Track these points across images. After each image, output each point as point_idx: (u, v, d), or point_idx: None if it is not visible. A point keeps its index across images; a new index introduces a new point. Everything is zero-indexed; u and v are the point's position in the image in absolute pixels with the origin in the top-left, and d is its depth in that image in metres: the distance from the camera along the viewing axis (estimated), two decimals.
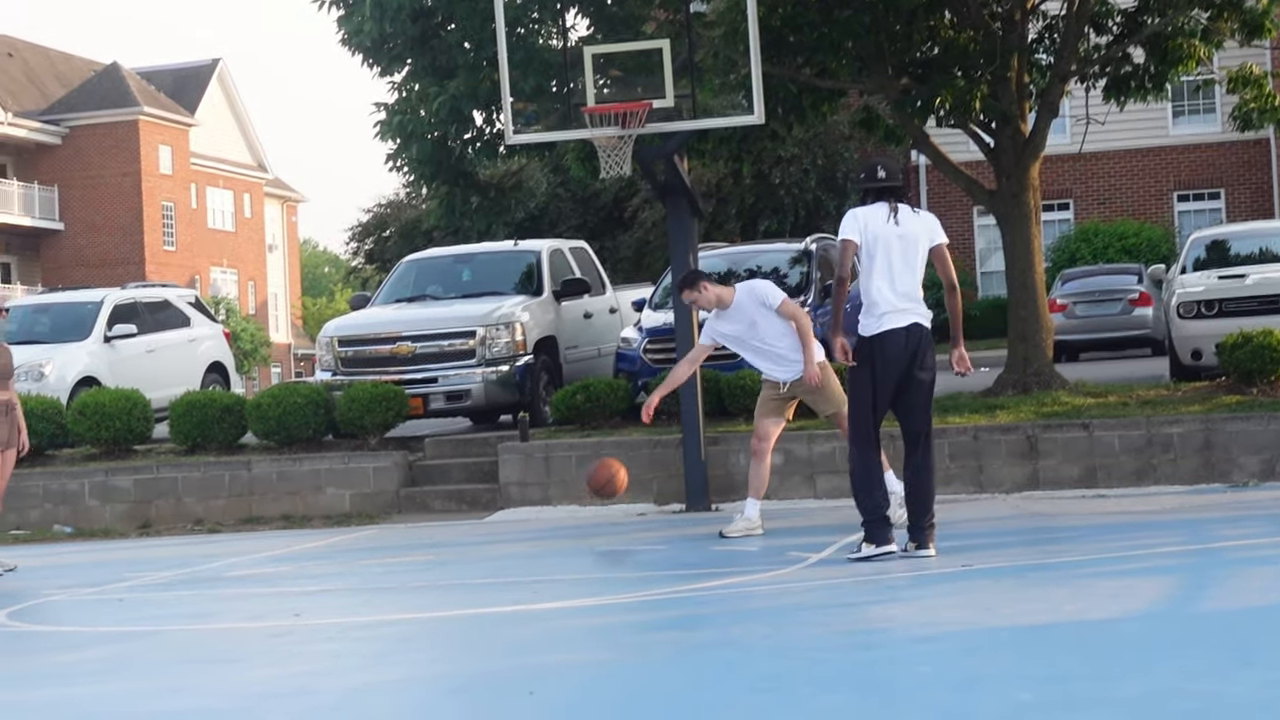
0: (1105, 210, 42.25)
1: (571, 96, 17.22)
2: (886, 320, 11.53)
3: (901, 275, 11.58)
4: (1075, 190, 42.57)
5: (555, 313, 21.32)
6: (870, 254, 11.57)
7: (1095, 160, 41.63)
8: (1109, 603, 9.27)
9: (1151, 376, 21.50)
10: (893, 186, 11.72)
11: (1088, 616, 8.78)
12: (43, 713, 7.72)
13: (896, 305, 11.54)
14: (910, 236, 11.62)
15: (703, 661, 8.14)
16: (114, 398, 20.26)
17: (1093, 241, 40.19)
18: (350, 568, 14.17)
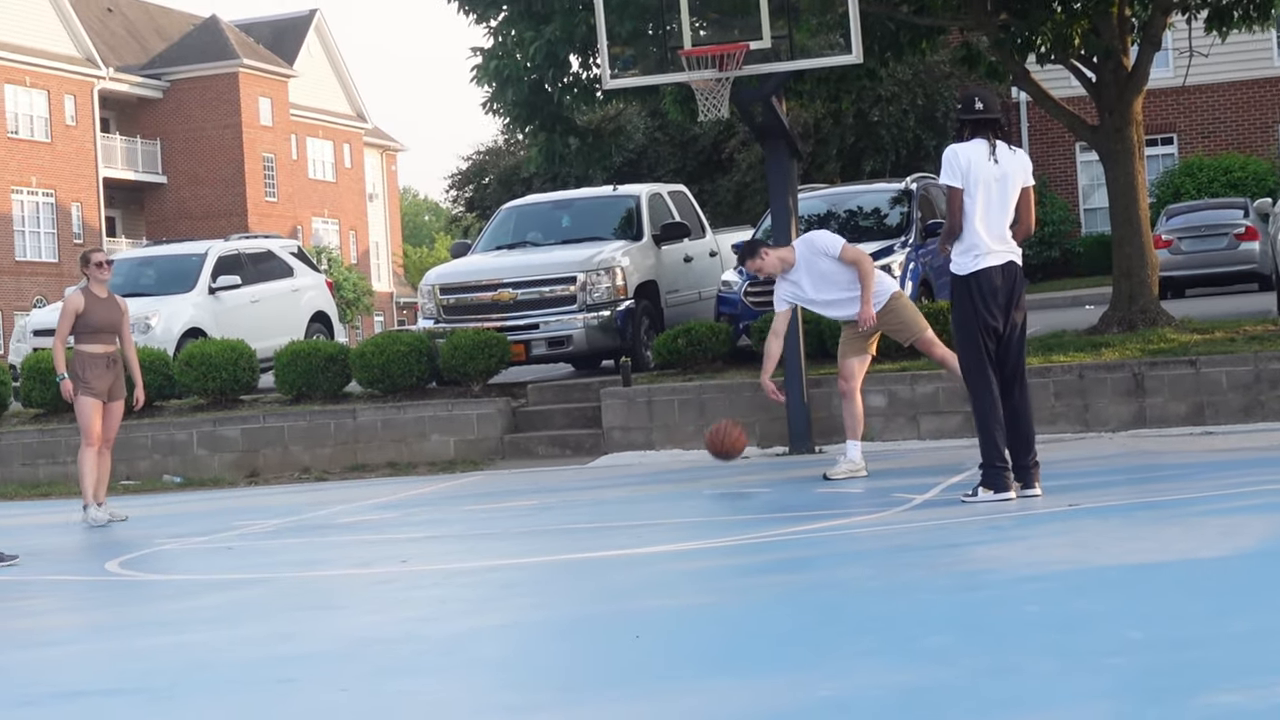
0: (1209, 144, 41.72)
1: (668, 39, 17.15)
2: (982, 259, 11.44)
3: (997, 215, 11.48)
4: (1179, 124, 42.05)
5: (655, 257, 21.30)
6: (970, 193, 11.46)
7: (1199, 93, 41.10)
8: (1219, 541, 9.18)
9: (1258, 311, 21.27)
10: (991, 119, 11.60)
11: (1197, 555, 8.70)
12: (155, 659, 7.80)
13: (991, 246, 11.45)
14: (1008, 175, 11.52)
15: (808, 604, 8.13)
16: (220, 348, 20.43)
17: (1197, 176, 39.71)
18: (455, 514, 14.24)
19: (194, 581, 10.83)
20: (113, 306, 15.26)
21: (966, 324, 11.53)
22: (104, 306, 15.18)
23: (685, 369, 19.14)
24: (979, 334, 11.47)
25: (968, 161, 11.45)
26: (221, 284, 24.01)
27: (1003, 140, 11.63)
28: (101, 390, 15.13)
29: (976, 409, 11.58)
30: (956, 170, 11.47)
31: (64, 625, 9.48)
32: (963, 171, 11.45)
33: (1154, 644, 6.46)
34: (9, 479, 19.87)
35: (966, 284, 11.49)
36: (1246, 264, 30.38)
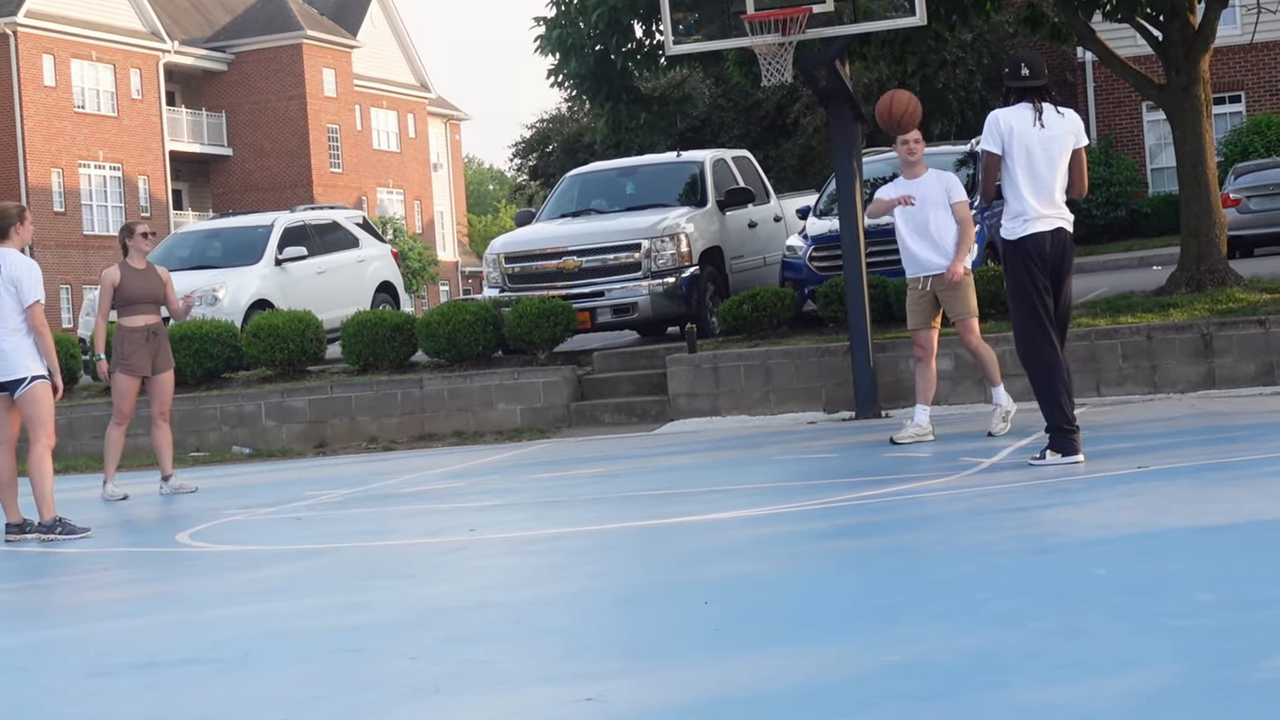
0: (1278, 102, 41.34)
1: (731, 4, 17.11)
2: (1031, 225, 11.38)
3: (1045, 180, 11.41)
4: (1247, 82, 41.67)
5: (720, 223, 21.28)
6: (1013, 158, 11.39)
7: (1267, 50, 40.70)
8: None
9: None
10: (1037, 85, 11.52)
11: (1267, 516, 8.66)
12: (226, 630, 7.87)
13: (1041, 211, 11.38)
14: (1055, 139, 11.43)
15: (877, 568, 8.13)
16: (287, 320, 20.53)
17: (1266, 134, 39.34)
18: (522, 482, 14.29)
19: (263, 552, 10.91)
20: (152, 277, 15.27)
21: (1022, 288, 11.45)
22: (142, 278, 15.19)
23: (750, 335, 19.13)
24: (1035, 297, 11.40)
25: (1009, 127, 11.39)
26: (288, 255, 24.10)
27: (1050, 104, 11.54)
28: (143, 365, 15.15)
29: (1038, 373, 11.48)
30: (997, 136, 11.41)
31: (136, 596, 9.57)
32: (1004, 137, 11.38)
33: (1224, 606, 6.44)
34: (80, 452, 20.04)
35: (1016, 249, 11.43)
36: None
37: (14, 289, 11.98)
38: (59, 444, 19.88)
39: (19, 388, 12.09)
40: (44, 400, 12.11)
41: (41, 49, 60.12)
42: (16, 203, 12.85)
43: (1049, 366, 11.42)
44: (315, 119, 70.72)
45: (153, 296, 15.25)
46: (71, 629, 8.49)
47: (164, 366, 15.34)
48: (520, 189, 54.25)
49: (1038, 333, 11.45)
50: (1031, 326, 11.46)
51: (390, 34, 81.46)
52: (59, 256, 59.67)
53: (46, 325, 12.12)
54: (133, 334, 15.14)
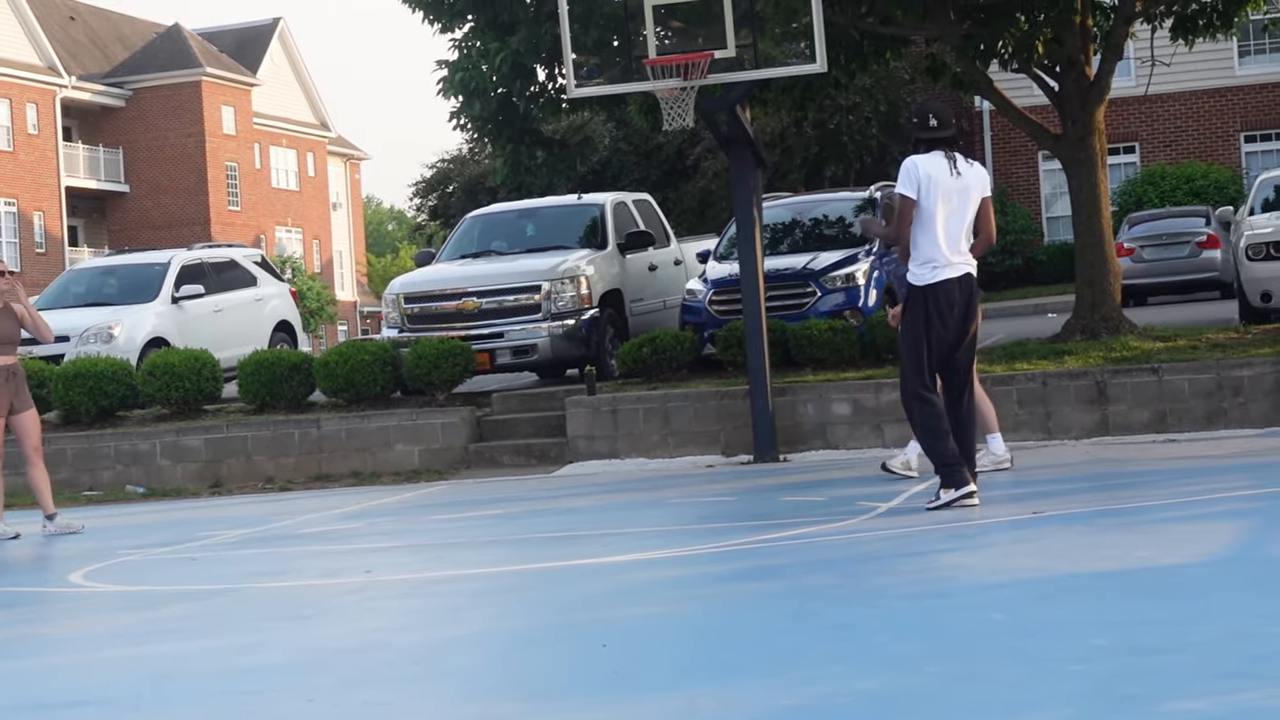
0: (1171, 152, 41.90)
1: (633, 49, 17.17)
2: (941, 271, 11.48)
3: (956, 228, 11.52)
4: (1141, 133, 42.23)
5: (620, 266, 21.32)
6: (928, 205, 11.47)
7: (1161, 102, 41.28)
8: (1181, 548, 9.23)
9: (1221, 319, 21.38)
10: (946, 136, 11.61)
11: (1160, 562, 8.75)
12: (119, 671, 7.79)
13: (950, 258, 11.49)
14: (968, 188, 11.54)
15: (775, 612, 8.14)
16: (183, 358, 20.38)
17: (1159, 184, 39.87)
18: (421, 524, 14.23)
19: (158, 592, 10.80)
20: (9, 317, 15.04)
21: (915, 333, 11.55)
22: (2, 319, 14.98)
23: (650, 378, 19.16)
24: (925, 345, 11.50)
25: (927, 175, 11.45)
26: (185, 293, 23.90)
27: (960, 153, 11.65)
28: (3, 406, 14.92)
29: (920, 417, 11.58)
30: (914, 181, 11.45)
31: (26, 636, 9.45)
32: (921, 183, 11.44)
33: (1118, 651, 6.49)
34: None
35: (924, 295, 11.52)
36: (1208, 272, 30.51)
37: None
38: None
39: None
40: None
41: None
42: None
43: (932, 409, 11.53)
44: (214, 156, 70.30)
45: (10, 338, 14.98)
46: None
47: (23, 406, 15.02)
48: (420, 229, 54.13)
49: (921, 378, 11.55)
50: (917, 372, 11.55)
51: (290, 72, 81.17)
52: None
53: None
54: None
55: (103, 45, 71.45)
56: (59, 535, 14.80)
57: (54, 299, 23.94)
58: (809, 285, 19.83)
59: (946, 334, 11.51)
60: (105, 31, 72.69)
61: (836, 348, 18.57)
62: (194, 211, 69.22)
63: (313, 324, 64.83)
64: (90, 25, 72.13)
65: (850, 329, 18.76)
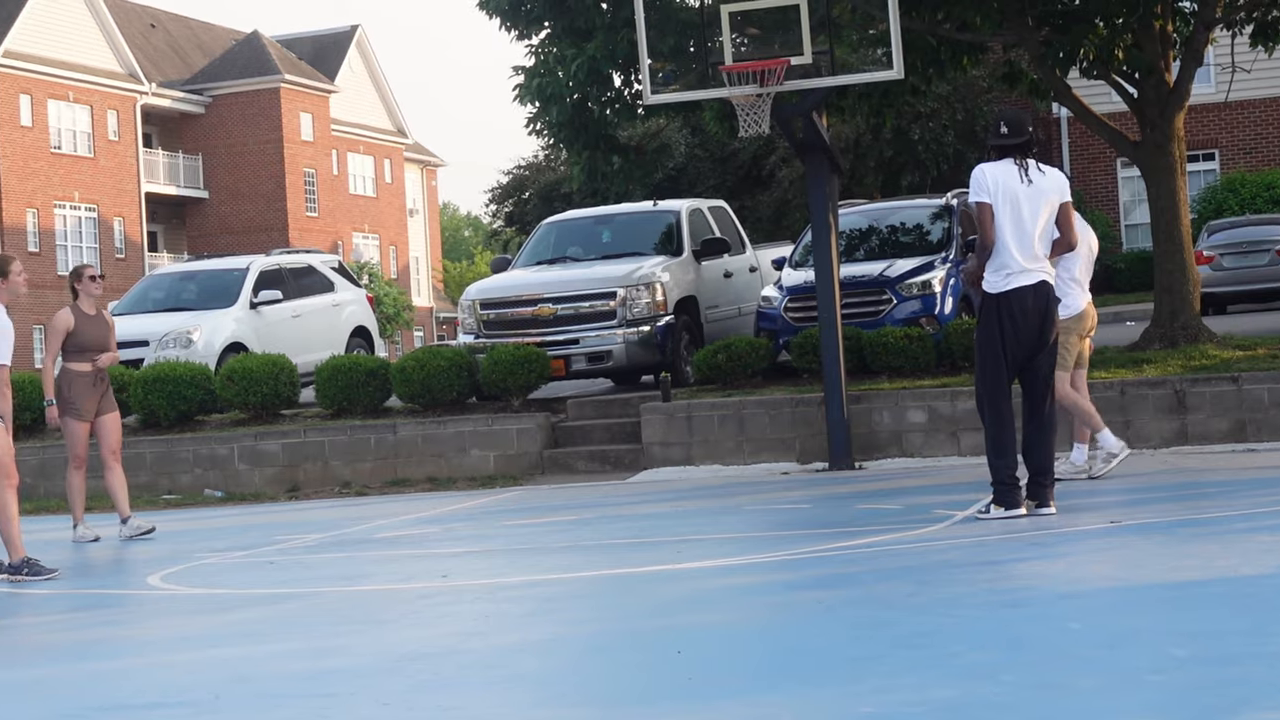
0: (1251, 160, 41.54)
1: (709, 55, 17.18)
2: (1014, 279, 11.42)
3: (1029, 234, 11.46)
4: (1221, 140, 41.89)
5: (695, 272, 21.31)
6: (999, 211, 11.43)
7: (1241, 109, 40.95)
8: (1262, 557, 9.15)
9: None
10: (1017, 143, 11.56)
11: (1240, 572, 8.67)
12: (197, 673, 7.83)
13: (1024, 265, 11.43)
14: (1039, 194, 11.49)
15: (849, 619, 8.12)
16: (261, 363, 20.48)
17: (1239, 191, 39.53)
18: (496, 529, 14.26)
19: (235, 596, 10.86)
20: (101, 323, 15.11)
21: (991, 342, 11.51)
22: (93, 324, 14.98)
23: (725, 384, 19.14)
24: (1002, 353, 11.46)
25: (995, 181, 11.43)
26: (263, 299, 24.03)
27: (1033, 160, 11.60)
28: (90, 410, 15.01)
29: (992, 427, 11.59)
30: (984, 188, 11.45)
31: (105, 639, 9.51)
32: (990, 190, 11.42)
33: (1197, 661, 6.45)
34: (52, 492, 19.94)
35: (997, 303, 11.48)
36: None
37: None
38: (31, 484, 19.84)
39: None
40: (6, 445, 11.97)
41: (19, 89, 60.06)
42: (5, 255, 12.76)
43: (1003, 422, 11.54)
44: (292, 163, 70.72)
45: (102, 344, 15.08)
46: (39, 670, 8.43)
47: (109, 409, 15.15)
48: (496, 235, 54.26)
49: (998, 389, 11.53)
50: (993, 382, 11.53)
51: (368, 79, 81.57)
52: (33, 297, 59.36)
53: (8, 385, 12.09)
54: (80, 378, 14.90)
55: (183, 52, 72.03)
56: (135, 538, 14.90)
57: (133, 304, 24.13)
58: (885, 292, 19.76)
59: (1021, 341, 11.46)
60: (185, 39, 73.29)
61: (912, 355, 18.51)
62: (272, 217, 69.66)
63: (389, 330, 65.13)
64: (170, 33, 72.73)
65: (926, 336, 18.70)
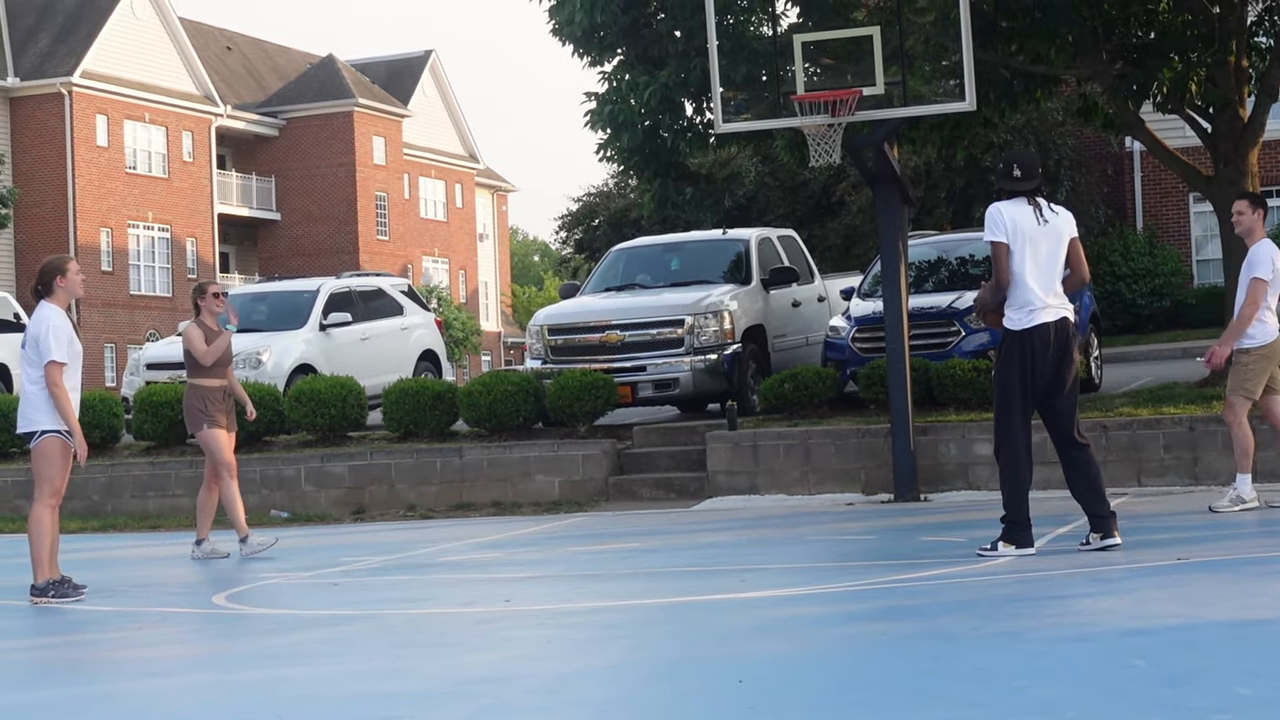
0: None
1: (781, 84, 17.20)
2: (1036, 316, 11.48)
3: (1048, 271, 11.56)
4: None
5: (763, 301, 21.30)
6: (1018, 251, 11.47)
7: None
8: None
9: None
10: (1029, 189, 11.61)
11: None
12: (261, 692, 7.87)
13: (1046, 301, 11.49)
14: (1055, 232, 11.63)
15: (912, 652, 8.09)
16: (329, 385, 20.58)
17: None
18: (559, 554, 14.27)
19: (300, 616, 10.91)
20: (225, 338, 15.26)
21: (1009, 379, 11.59)
22: (218, 339, 15.19)
23: (791, 414, 19.12)
24: (1021, 392, 11.55)
25: (1012, 220, 11.54)
26: (333, 320, 24.17)
27: (1044, 200, 11.64)
28: (224, 422, 15.14)
29: (1008, 466, 11.68)
30: (1001, 227, 11.56)
31: (171, 657, 9.57)
32: (1008, 230, 11.50)
33: (1263, 701, 6.40)
34: (119, 510, 20.11)
35: (1019, 340, 11.53)
36: None
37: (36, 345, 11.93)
38: (99, 501, 20.00)
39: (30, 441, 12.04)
40: (51, 457, 12.00)
41: (95, 109, 60.62)
42: (62, 255, 12.79)
43: (1018, 461, 11.63)
44: (364, 186, 71.08)
45: (228, 358, 15.25)
46: (106, 686, 8.49)
47: (233, 427, 15.33)
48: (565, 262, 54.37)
49: (1016, 427, 11.63)
50: (1011, 420, 11.62)
51: (441, 104, 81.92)
52: (105, 315, 59.98)
53: (60, 385, 11.81)
54: (213, 392, 15.06)
55: (258, 75, 72.54)
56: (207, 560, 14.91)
57: None
58: (953, 324, 19.70)
59: (1040, 378, 11.50)
60: (260, 62, 73.81)
61: (980, 388, 18.43)
62: (343, 240, 70.01)
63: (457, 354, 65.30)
64: (246, 55, 73.27)
65: None
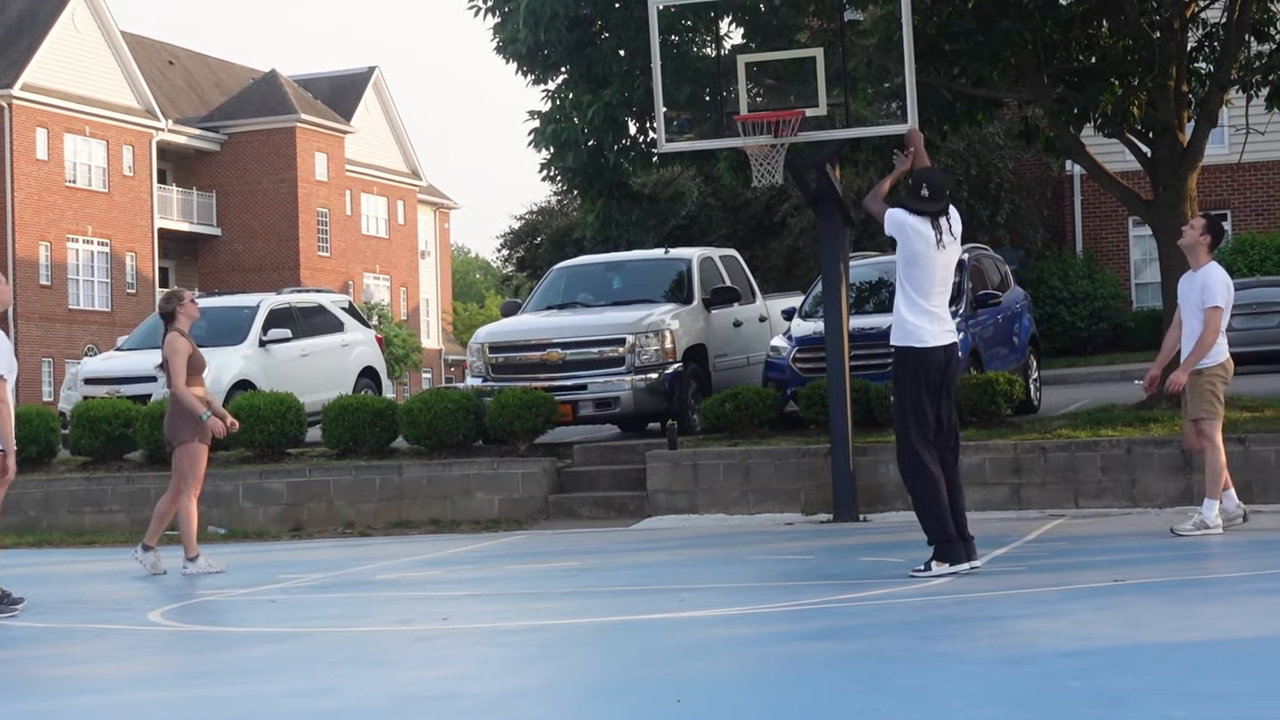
0: (1263, 221, 41.53)
1: (724, 105, 17.23)
2: (929, 336, 11.69)
3: (943, 294, 11.79)
4: (1233, 201, 41.90)
5: (705, 321, 21.32)
6: (922, 271, 11.67)
7: (1254, 170, 40.96)
8: (1264, 620, 9.14)
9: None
10: (936, 210, 11.77)
11: (1242, 634, 8.65)
12: (198, 710, 7.82)
13: (943, 323, 11.74)
14: (952, 258, 11.84)
15: (851, 673, 8.10)
16: (268, 401, 20.50)
17: (1249, 254, 39.51)
18: (498, 573, 14.24)
19: (236, 634, 10.85)
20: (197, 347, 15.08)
21: (910, 399, 11.70)
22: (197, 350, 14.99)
23: (731, 433, 19.13)
24: (924, 411, 11.69)
25: (916, 232, 11.69)
26: (272, 337, 24.08)
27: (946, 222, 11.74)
28: (207, 434, 14.96)
29: (923, 487, 11.73)
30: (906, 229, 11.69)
31: (106, 674, 9.50)
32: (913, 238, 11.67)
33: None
34: (55, 526, 19.96)
35: (916, 358, 11.73)
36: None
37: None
38: (35, 516, 19.85)
39: None
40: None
41: (35, 122, 60.26)
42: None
43: (932, 480, 11.66)
44: (305, 202, 70.88)
45: (203, 365, 15.05)
46: (38, 704, 8.42)
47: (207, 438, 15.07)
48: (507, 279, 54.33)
49: (922, 446, 11.68)
50: (916, 439, 11.69)
51: (384, 120, 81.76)
52: (42, 329, 59.61)
53: (6, 402, 11.81)
54: (200, 401, 14.85)
55: (200, 90, 72.26)
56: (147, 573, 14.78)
57: (144, 339, 24.15)
58: None
59: (936, 396, 11.67)
60: (203, 76, 73.53)
61: None
62: (284, 256, 69.79)
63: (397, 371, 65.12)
64: (188, 70, 72.98)
65: None
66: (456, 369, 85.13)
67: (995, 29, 19.25)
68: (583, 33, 19.85)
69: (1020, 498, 17.14)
